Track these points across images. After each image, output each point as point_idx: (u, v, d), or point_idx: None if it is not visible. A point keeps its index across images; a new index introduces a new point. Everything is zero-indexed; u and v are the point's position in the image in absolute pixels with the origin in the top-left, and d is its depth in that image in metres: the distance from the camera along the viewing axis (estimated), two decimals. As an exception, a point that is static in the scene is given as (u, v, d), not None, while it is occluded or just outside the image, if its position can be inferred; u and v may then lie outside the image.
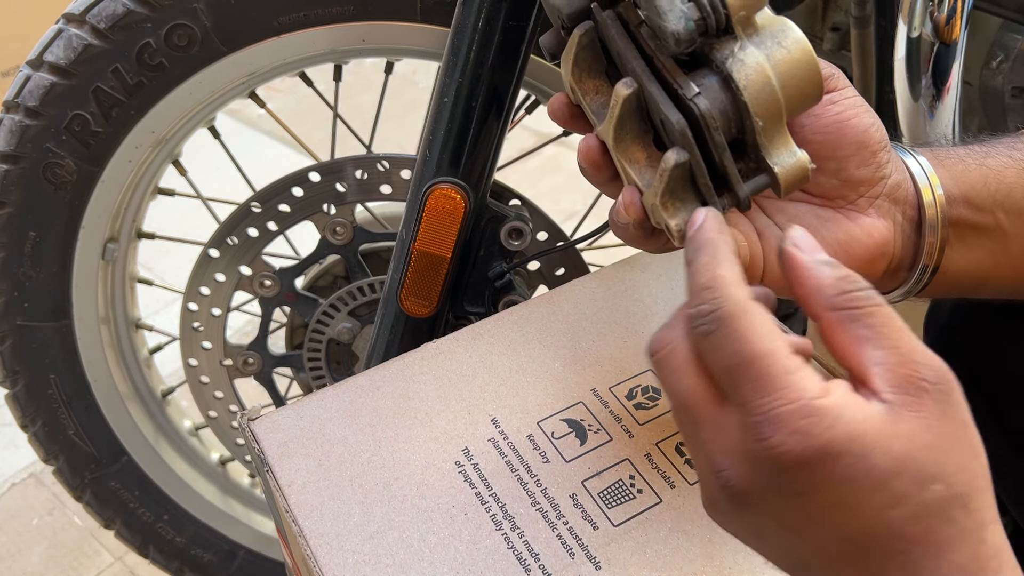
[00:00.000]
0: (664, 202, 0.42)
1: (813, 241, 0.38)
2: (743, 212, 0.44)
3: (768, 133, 0.41)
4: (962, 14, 0.75)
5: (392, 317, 0.69)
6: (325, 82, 0.84)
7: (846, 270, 0.38)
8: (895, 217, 0.49)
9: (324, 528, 0.49)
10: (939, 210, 0.49)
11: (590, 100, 0.46)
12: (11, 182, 0.73)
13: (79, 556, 1.16)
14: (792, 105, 0.41)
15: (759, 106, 0.40)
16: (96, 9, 0.69)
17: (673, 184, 0.42)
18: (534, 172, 1.74)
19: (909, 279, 0.50)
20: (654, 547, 0.48)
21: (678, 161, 0.41)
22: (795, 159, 0.42)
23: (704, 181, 0.42)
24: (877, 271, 0.49)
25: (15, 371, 0.80)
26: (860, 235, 0.48)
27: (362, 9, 0.70)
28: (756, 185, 0.42)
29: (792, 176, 0.42)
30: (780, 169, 0.42)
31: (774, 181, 0.42)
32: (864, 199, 0.48)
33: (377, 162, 0.76)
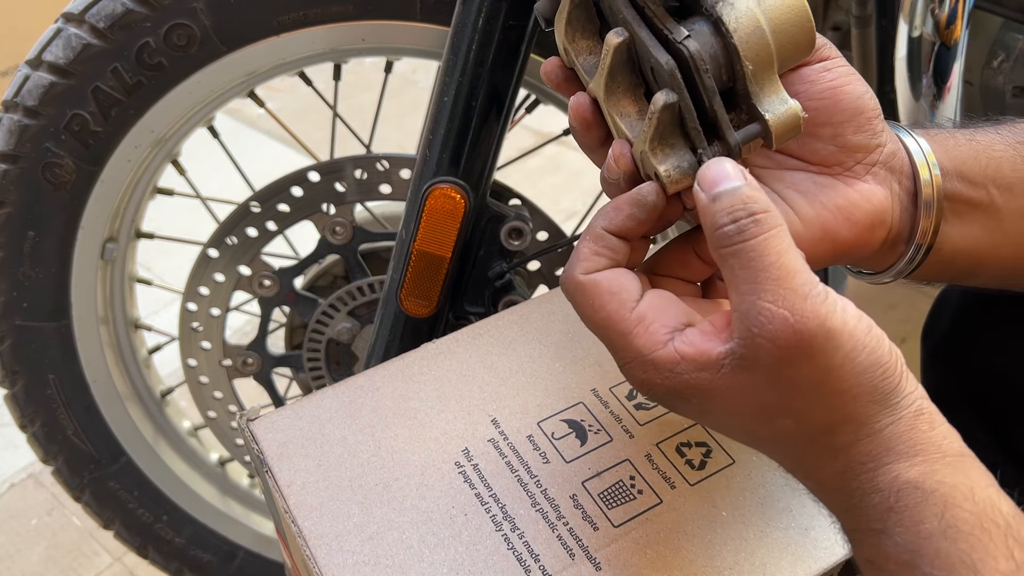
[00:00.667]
0: (653, 148, 0.42)
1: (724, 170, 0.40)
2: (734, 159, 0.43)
3: (759, 79, 0.41)
4: (963, 14, 0.75)
5: (392, 317, 0.69)
6: (325, 82, 0.83)
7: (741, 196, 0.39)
8: (892, 186, 0.49)
9: (324, 529, 0.49)
10: (934, 182, 0.49)
11: (583, 60, 0.46)
12: (10, 182, 0.73)
13: (78, 556, 1.16)
14: (784, 53, 0.41)
15: (749, 50, 0.40)
16: (95, 8, 0.68)
17: (662, 128, 0.41)
18: (534, 172, 1.74)
19: (907, 252, 0.50)
20: (654, 548, 0.48)
21: (667, 102, 0.40)
22: (786, 107, 0.41)
23: (693, 125, 0.41)
24: (876, 240, 0.49)
25: (14, 371, 0.80)
26: (859, 200, 0.48)
27: (362, 9, 0.70)
28: (747, 133, 0.41)
29: (784, 124, 0.41)
30: (772, 117, 0.41)
31: (765, 130, 0.41)
32: (861, 166, 0.48)
33: (377, 162, 0.76)
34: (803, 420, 0.40)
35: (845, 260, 0.50)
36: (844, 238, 0.48)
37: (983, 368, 0.69)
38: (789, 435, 0.41)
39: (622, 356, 0.42)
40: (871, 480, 0.39)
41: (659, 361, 0.40)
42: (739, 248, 0.38)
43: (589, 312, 0.43)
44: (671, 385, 0.41)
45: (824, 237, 0.48)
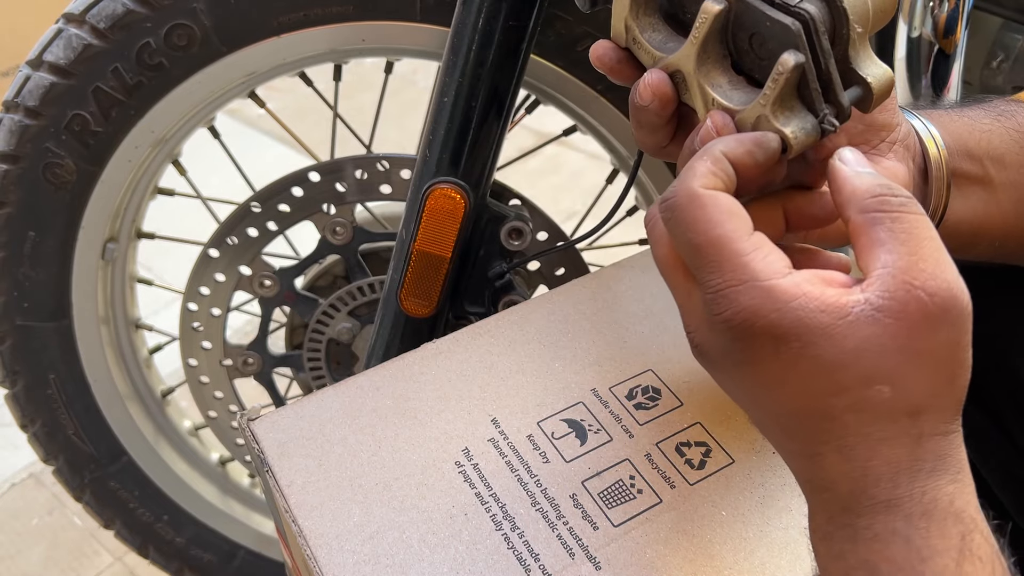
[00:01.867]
0: (775, 111, 0.42)
1: (861, 157, 0.41)
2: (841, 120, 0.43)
3: (860, 44, 0.42)
4: (963, 16, 0.75)
5: (392, 317, 0.69)
6: (325, 82, 0.83)
7: (887, 180, 0.39)
8: (908, 164, 0.50)
9: (324, 528, 0.49)
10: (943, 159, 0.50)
11: (648, 36, 0.46)
12: (11, 182, 0.73)
13: (79, 556, 1.16)
14: (877, 17, 0.42)
15: (855, 14, 0.41)
16: (96, 9, 0.69)
17: (788, 89, 0.41)
18: (534, 172, 1.74)
19: None
20: (654, 547, 0.48)
21: (797, 62, 0.40)
22: (883, 70, 0.42)
23: (815, 86, 0.41)
24: None
25: (14, 371, 0.80)
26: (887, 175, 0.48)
27: (362, 9, 0.70)
28: (853, 96, 0.42)
29: (882, 87, 0.42)
30: (873, 80, 0.42)
31: (867, 92, 0.42)
32: (885, 143, 0.49)
33: (377, 162, 0.76)
34: (901, 390, 0.37)
35: None
36: None
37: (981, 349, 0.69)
38: (875, 405, 0.37)
39: (731, 277, 0.37)
40: (924, 480, 0.37)
41: (777, 290, 0.37)
42: (902, 216, 0.38)
43: (704, 227, 0.38)
44: (777, 321, 0.36)
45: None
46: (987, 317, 0.68)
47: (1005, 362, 0.66)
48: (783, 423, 0.40)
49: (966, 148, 0.52)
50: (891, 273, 0.37)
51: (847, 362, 0.37)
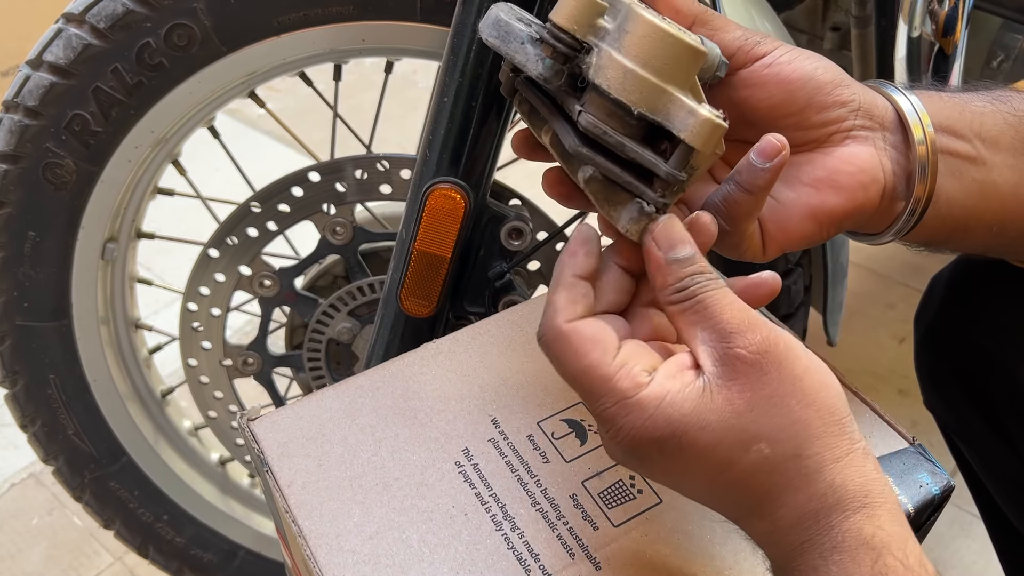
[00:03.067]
0: (607, 211, 0.45)
1: (677, 234, 0.43)
2: (674, 187, 0.44)
3: (659, 110, 0.42)
4: (963, 16, 0.75)
5: (392, 317, 0.69)
6: (325, 82, 0.83)
7: (695, 264, 0.43)
8: (875, 143, 0.49)
9: (324, 528, 0.49)
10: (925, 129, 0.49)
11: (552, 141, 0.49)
12: (11, 182, 0.73)
13: (79, 556, 1.16)
14: (668, 73, 0.42)
15: (631, 94, 0.42)
16: (96, 9, 0.69)
17: (602, 195, 0.45)
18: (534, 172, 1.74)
19: (906, 208, 0.50)
20: (654, 547, 0.48)
21: (585, 178, 0.44)
22: (695, 118, 0.42)
23: (623, 179, 0.44)
24: (872, 198, 0.49)
25: (15, 371, 0.80)
26: (840, 165, 0.48)
27: (362, 9, 0.70)
28: (677, 159, 0.43)
29: (701, 134, 0.42)
30: (686, 134, 0.42)
31: (687, 147, 0.42)
32: (837, 134, 0.48)
33: (377, 162, 0.76)
34: (776, 442, 0.40)
35: (848, 225, 0.50)
36: (836, 205, 0.48)
37: (971, 349, 0.69)
38: (761, 465, 0.40)
39: (604, 401, 0.41)
40: (827, 515, 0.39)
41: (644, 400, 0.40)
42: (701, 297, 0.42)
43: (572, 360, 0.42)
44: (652, 427, 0.40)
45: (813, 213, 0.48)
46: (987, 326, 0.68)
47: (1006, 371, 0.66)
48: (706, 501, 0.43)
49: (953, 128, 0.50)
50: (711, 346, 0.41)
51: (720, 437, 0.40)
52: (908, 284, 1.49)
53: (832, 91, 0.48)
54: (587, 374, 0.42)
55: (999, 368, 0.67)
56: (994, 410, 0.68)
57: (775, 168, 0.44)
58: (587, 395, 0.42)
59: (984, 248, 0.57)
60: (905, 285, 1.49)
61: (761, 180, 0.44)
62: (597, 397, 0.41)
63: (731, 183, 0.45)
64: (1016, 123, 0.51)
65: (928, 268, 0.61)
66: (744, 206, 0.45)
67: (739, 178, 0.45)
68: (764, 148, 0.44)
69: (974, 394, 0.69)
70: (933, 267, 0.76)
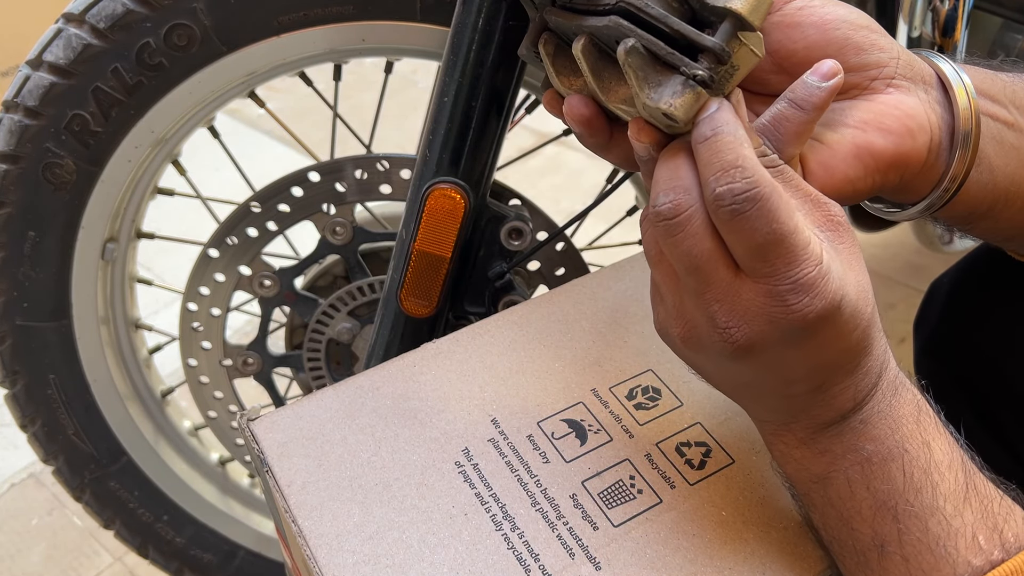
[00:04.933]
0: (647, 94, 0.42)
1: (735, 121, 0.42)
2: (724, 65, 0.42)
3: None
4: (963, 15, 0.75)
5: (392, 317, 0.69)
6: (325, 82, 0.83)
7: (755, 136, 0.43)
8: (919, 95, 0.48)
9: (324, 528, 0.49)
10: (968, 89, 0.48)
11: (579, 90, 0.48)
12: (10, 182, 0.73)
13: (79, 556, 1.16)
14: None
15: None
16: (96, 9, 0.68)
17: (642, 72, 0.42)
18: (534, 172, 1.74)
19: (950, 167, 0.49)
20: (654, 547, 0.48)
21: (627, 47, 0.41)
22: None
23: (665, 50, 0.41)
24: (921, 148, 0.47)
25: (14, 371, 0.80)
26: (886, 109, 0.47)
27: (362, 9, 0.70)
28: (724, 33, 0.41)
29: (749, 3, 0.41)
30: (733, 3, 0.41)
31: (736, 16, 0.41)
32: (879, 81, 0.48)
33: (377, 162, 0.76)
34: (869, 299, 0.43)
35: (893, 177, 0.48)
36: (883, 148, 0.46)
37: (973, 356, 0.69)
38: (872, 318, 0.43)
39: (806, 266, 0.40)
40: (888, 359, 0.45)
41: (832, 266, 0.41)
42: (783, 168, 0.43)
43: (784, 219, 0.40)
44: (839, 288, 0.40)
45: (859, 153, 0.46)
46: (988, 333, 0.68)
47: (1007, 379, 0.66)
48: (812, 370, 0.43)
49: (989, 92, 0.49)
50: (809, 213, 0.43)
51: (858, 293, 0.42)
52: (908, 284, 1.49)
53: (869, 34, 0.47)
54: (795, 237, 0.40)
55: (1000, 376, 0.67)
56: (995, 418, 0.68)
57: (831, 88, 0.43)
58: (788, 261, 0.40)
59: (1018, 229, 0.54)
60: (905, 285, 1.49)
61: (816, 98, 0.43)
62: (795, 264, 0.40)
63: (783, 101, 0.44)
64: None
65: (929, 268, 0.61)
66: (795, 124, 0.44)
67: (792, 95, 0.44)
68: (820, 68, 0.43)
69: (976, 400, 0.69)
70: (934, 267, 0.77)
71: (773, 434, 0.47)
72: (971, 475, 0.45)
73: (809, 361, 0.42)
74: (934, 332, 0.73)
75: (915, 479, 0.43)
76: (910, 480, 0.43)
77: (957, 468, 0.44)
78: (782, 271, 0.40)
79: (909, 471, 0.43)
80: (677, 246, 0.42)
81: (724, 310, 0.41)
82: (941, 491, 0.43)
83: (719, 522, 0.50)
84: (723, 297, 0.41)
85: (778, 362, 0.43)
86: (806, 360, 0.42)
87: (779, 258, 0.40)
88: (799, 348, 0.42)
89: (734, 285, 0.41)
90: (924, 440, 0.44)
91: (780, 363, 0.43)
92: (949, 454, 0.45)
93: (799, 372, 0.43)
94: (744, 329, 0.41)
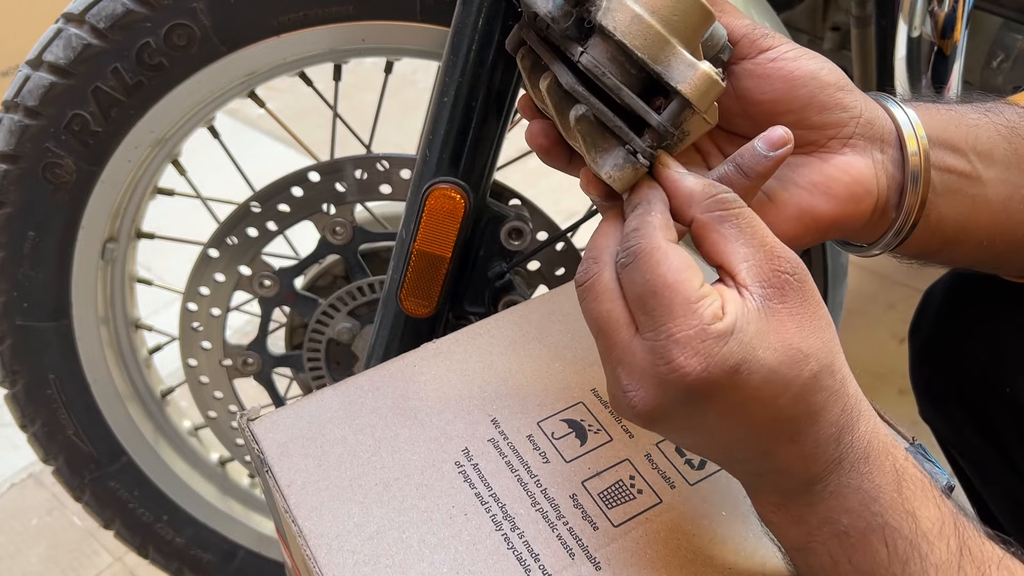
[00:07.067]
0: (592, 158, 0.44)
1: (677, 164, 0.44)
2: (664, 143, 0.44)
3: (659, 59, 0.42)
4: (963, 15, 0.75)
5: (392, 317, 0.69)
6: (325, 82, 0.83)
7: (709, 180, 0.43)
8: (873, 155, 0.49)
9: (324, 528, 0.49)
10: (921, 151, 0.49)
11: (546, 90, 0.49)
12: (10, 182, 0.73)
13: (78, 556, 1.16)
14: (675, 26, 0.42)
15: (635, 38, 0.42)
16: (95, 9, 0.68)
17: (591, 137, 0.44)
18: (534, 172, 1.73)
19: (896, 221, 0.50)
20: (654, 547, 0.48)
21: (577, 115, 0.43)
22: (695, 71, 0.42)
23: (614, 123, 0.43)
24: (863, 211, 0.49)
25: (14, 371, 0.80)
26: (836, 173, 0.48)
27: (362, 9, 0.70)
28: (671, 112, 0.43)
29: (699, 87, 0.42)
30: (683, 85, 0.42)
31: (683, 99, 0.42)
32: (835, 140, 0.48)
33: (377, 162, 0.76)
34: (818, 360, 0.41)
35: (835, 234, 0.50)
36: (825, 213, 0.48)
37: (967, 364, 0.69)
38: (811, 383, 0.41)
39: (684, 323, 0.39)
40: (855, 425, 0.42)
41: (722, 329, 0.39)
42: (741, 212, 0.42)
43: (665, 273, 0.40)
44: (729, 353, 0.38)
45: (801, 215, 0.48)
46: (983, 340, 0.68)
47: (1003, 385, 0.66)
48: (741, 438, 0.41)
49: (951, 142, 0.50)
50: (756, 265, 0.41)
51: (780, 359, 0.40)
52: (908, 284, 1.49)
53: (835, 93, 0.48)
54: (675, 289, 0.39)
55: (996, 382, 0.67)
56: (991, 424, 0.68)
57: (778, 159, 0.44)
58: (665, 313, 0.39)
59: (974, 262, 0.57)
60: (905, 285, 1.49)
61: (761, 167, 0.44)
62: (676, 317, 0.39)
63: (730, 165, 0.45)
64: (1008, 135, 0.51)
65: (929, 269, 0.61)
66: (739, 189, 0.44)
67: (739, 160, 0.44)
68: (771, 136, 0.44)
69: (971, 408, 0.69)
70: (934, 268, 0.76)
71: (751, 496, 0.45)
72: (965, 539, 0.42)
73: (730, 427, 0.41)
74: (928, 340, 0.73)
75: (900, 551, 0.41)
76: (895, 552, 0.41)
77: (949, 534, 0.42)
78: (660, 324, 0.39)
79: (892, 543, 0.41)
80: (587, 311, 0.43)
81: (624, 372, 0.41)
82: (931, 561, 0.41)
83: (719, 522, 0.50)
84: (623, 358, 0.41)
85: (695, 428, 0.41)
86: (726, 426, 0.41)
87: (657, 309, 0.39)
88: (705, 414, 0.40)
89: (631, 345, 0.41)
90: (907, 510, 0.41)
91: (699, 428, 0.41)
92: (939, 520, 0.42)
93: (727, 439, 0.42)
94: (640, 392, 0.40)
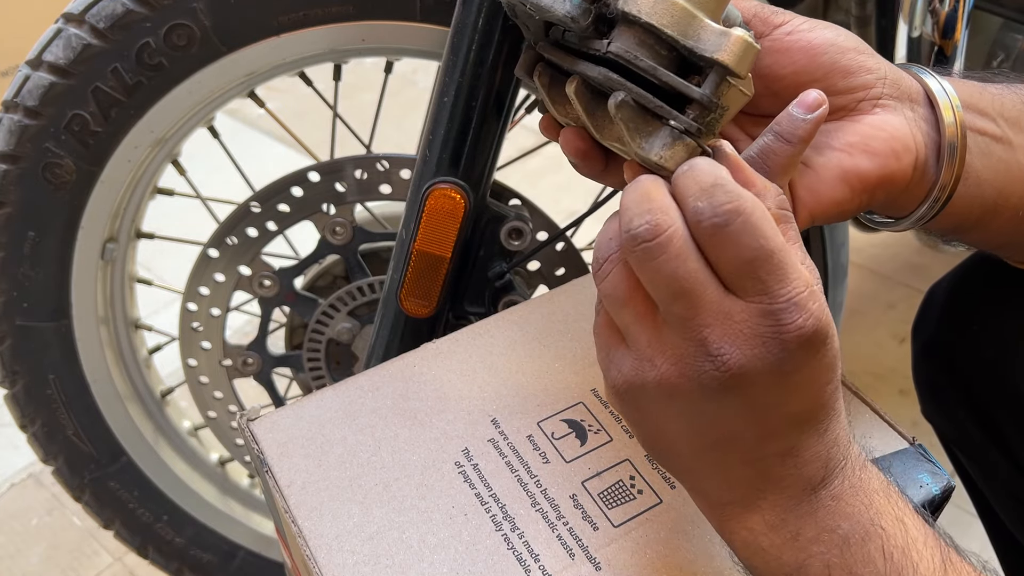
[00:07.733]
0: (638, 144, 0.43)
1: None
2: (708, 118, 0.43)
3: (689, 34, 0.42)
4: (963, 15, 0.75)
5: (392, 317, 0.69)
6: (325, 82, 0.83)
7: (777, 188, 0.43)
8: (904, 113, 0.48)
9: (324, 529, 0.49)
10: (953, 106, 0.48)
11: (575, 119, 0.48)
12: (10, 182, 0.73)
13: (78, 556, 1.16)
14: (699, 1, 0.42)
15: (662, 17, 0.41)
16: (95, 9, 0.68)
17: (633, 124, 0.43)
18: (534, 172, 1.74)
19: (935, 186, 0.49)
20: (654, 547, 0.48)
21: (617, 102, 0.42)
22: (728, 38, 0.42)
23: (654, 103, 0.43)
24: (906, 168, 0.48)
25: (14, 371, 0.80)
26: (872, 131, 0.47)
27: (362, 9, 0.70)
28: (712, 82, 0.42)
29: (735, 53, 0.42)
30: (720, 54, 0.42)
31: (722, 67, 0.42)
32: (865, 102, 0.48)
33: (377, 162, 0.76)
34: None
35: (880, 196, 0.49)
36: (869, 171, 0.47)
37: (971, 360, 0.69)
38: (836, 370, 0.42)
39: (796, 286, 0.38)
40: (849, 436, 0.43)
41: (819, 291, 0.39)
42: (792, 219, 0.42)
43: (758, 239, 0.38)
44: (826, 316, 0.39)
45: (846, 176, 0.47)
46: (986, 338, 0.68)
47: (1006, 383, 0.66)
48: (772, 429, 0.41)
49: (978, 107, 0.50)
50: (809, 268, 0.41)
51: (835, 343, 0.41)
52: (909, 284, 1.49)
53: (856, 56, 0.47)
54: (782, 253, 0.38)
55: (999, 380, 0.66)
56: (994, 422, 0.68)
57: (816, 120, 0.43)
58: (783, 276, 0.38)
59: (1008, 237, 0.55)
60: (906, 285, 1.49)
61: (802, 131, 0.43)
62: (787, 281, 0.38)
63: (769, 135, 0.44)
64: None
65: (929, 268, 0.61)
66: (782, 157, 0.44)
67: (778, 128, 0.44)
68: (805, 100, 0.43)
69: (975, 405, 0.69)
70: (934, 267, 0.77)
71: (736, 520, 0.43)
72: (946, 551, 0.42)
73: (789, 403, 0.40)
74: (933, 336, 0.73)
75: (895, 560, 0.41)
76: (891, 562, 0.41)
77: (933, 545, 0.42)
78: (775, 289, 0.38)
79: (889, 552, 0.41)
80: (659, 270, 0.39)
81: (716, 334, 0.39)
82: (921, 571, 0.41)
83: (719, 522, 0.50)
84: (714, 320, 0.39)
85: (763, 399, 0.40)
86: (787, 399, 0.40)
87: (770, 275, 0.38)
88: (787, 379, 0.39)
89: (724, 306, 0.39)
90: (897, 516, 0.42)
91: (764, 400, 0.40)
92: (923, 530, 0.42)
93: (777, 419, 0.41)
94: (737, 354, 0.39)
